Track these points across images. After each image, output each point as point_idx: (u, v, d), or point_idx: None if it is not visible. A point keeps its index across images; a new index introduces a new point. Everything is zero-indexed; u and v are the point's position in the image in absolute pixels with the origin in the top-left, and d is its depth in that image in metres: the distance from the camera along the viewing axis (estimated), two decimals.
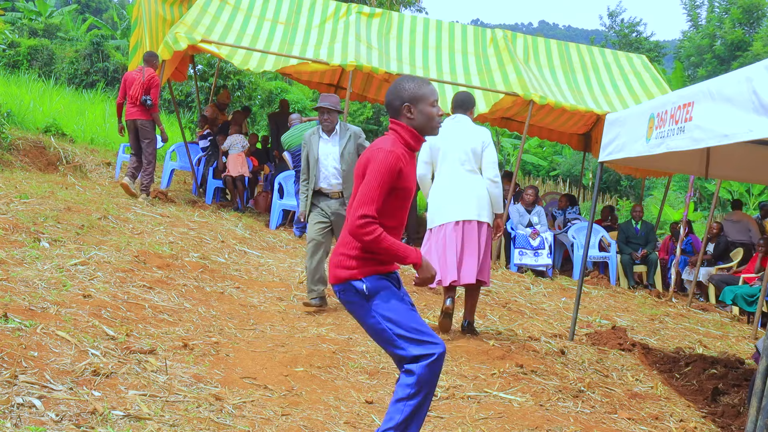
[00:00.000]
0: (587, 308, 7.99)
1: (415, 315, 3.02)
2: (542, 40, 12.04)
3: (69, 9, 28.57)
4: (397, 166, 2.93)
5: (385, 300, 2.98)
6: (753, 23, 29.26)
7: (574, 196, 12.99)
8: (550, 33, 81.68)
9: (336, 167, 5.95)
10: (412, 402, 2.92)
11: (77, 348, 3.95)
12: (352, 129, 6.07)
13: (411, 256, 2.95)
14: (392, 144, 2.99)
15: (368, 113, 24.47)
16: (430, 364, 2.92)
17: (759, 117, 3.38)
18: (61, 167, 10.38)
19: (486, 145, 5.42)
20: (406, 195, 3.04)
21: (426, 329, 2.98)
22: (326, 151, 5.96)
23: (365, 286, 2.98)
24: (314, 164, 5.95)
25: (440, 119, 3.10)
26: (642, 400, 4.81)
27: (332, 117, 5.95)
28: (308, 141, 6.01)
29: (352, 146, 5.99)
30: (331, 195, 6.00)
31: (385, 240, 2.90)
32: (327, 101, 5.92)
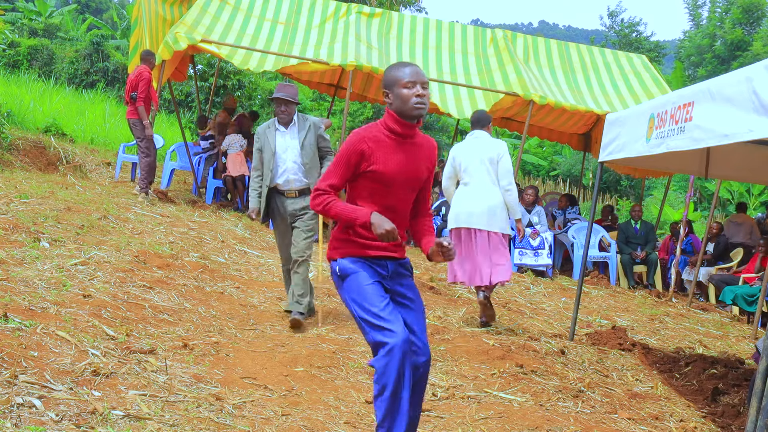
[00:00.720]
0: (587, 308, 7.99)
1: (382, 301, 2.95)
2: (542, 40, 12.05)
3: (69, 9, 28.54)
4: (358, 147, 3.00)
5: (355, 282, 3.01)
6: (753, 23, 29.26)
7: (574, 196, 12.99)
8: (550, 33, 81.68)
9: (296, 161, 5.52)
10: (382, 398, 2.88)
11: (77, 348, 3.95)
12: (311, 120, 5.67)
13: (360, 218, 2.96)
14: (368, 126, 3.07)
15: (368, 113, 24.47)
16: (386, 354, 2.84)
17: (759, 117, 3.38)
18: (61, 167, 10.38)
19: (501, 156, 5.80)
20: (380, 178, 3.01)
21: (389, 317, 2.91)
22: (284, 145, 5.53)
23: (338, 267, 3.08)
24: (270, 160, 5.50)
25: (418, 99, 2.97)
26: (642, 400, 4.81)
27: (290, 108, 5.53)
28: (262, 134, 5.56)
29: (312, 138, 5.59)
30: (287, 194, 5.54)
31: (333, 208, 3.01)
32: (284, 92, 5.51)
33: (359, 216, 2.96)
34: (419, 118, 3.04)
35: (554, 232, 10.73)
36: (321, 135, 5.64)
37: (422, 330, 3.10)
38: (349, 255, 3.06)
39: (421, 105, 2.99)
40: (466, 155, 5.87)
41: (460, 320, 6.32)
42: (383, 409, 2.89)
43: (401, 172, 3.05)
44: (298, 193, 5.54)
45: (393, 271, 3.12)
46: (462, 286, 7.85)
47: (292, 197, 5.54)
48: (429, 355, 3.09)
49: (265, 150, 5.53)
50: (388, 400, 2.87)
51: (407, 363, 2.89)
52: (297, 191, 5.54)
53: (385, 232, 2.89)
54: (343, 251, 3.07)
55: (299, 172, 5.54)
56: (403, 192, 3.09)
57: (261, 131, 5.58)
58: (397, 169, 3.03)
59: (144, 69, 9.38)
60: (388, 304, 2.97)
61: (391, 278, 3.11)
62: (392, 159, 3.03)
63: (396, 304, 3.08)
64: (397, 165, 3.03)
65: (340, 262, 3.07)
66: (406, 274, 3.17)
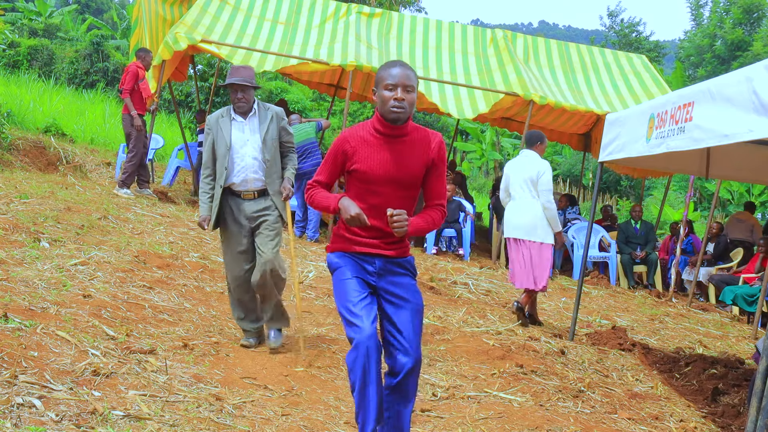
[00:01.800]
0: (587, 308, 7.99)
1: (358, 296, 2.97)
2: (542, 40, 12.05)
3: (69, 9, 28.56)
4: (341, 147, 3.07)
5: (339, 276, 3.09)
6: (753, 23, 29.27)
7: (574, 196, 12.99)
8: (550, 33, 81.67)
9: (256, 158, 4.67)
10: (355, 393, 2.96)
11: (77, 348, 3.95)
12: (274, 109, 4.84)
13: (331, 204, 3.07)
14: (356, 126, 3.12)
15: (368, 113, 24.46)
16: (353, 350, 2.92)
17: (759, 117, 3.38)
18: (61, 167, 10.38)
19: (540, 175, 6.20)
20: (363, 177, 3.00)
21: (359, 312, 2.92)
22: (242, 138, 4.69)
23: (327, 260, 3.21)
24: (224, 155, 4.65)
25: (397, 103, 2.91)
26: (642, 400, 4.81)
27: (248, 95, 4.68)
28: (214, 125, 4.71)
29: (275, 130, 4.77)
30: (243, 195, 4.70)
31: (314, 197, 3.16)
32: (239, 75, 4.67)
33: (330, 203, 3.08)
34: (396, 122, 2.99)
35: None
36: (284, 128, 4.85)
37: (411, 330, 3.01)
38: (337, 250, 3.15)
39: (398, 109, 2.93)
40: (513, 172, 6.42)
41: (460, 320, 6.32)
42: (356, 403, 2.98)
43: (386, 171, 3.00)
44: (256, 194, 4.72)
45: (381, 268, 3.08)
46: (462, 287, 7.85)
47: (250, 199, 4.71)
48: (416, 356, 3.00)
49: (218, 144, 4.69)
50: (357, 394, 2.95)
51: (372, 358, 2.90)
52: (256, 192, 4.72)
53: (350, 217, 2.96)
54: (334, 246, 3.17)
55: (259, 171, 4.70)
56: (391, 190, 3.03)
57: (212, 121, 4.72)
58: (381, 168, 3.00)
59: (133, 64, 9.43)
60: (363, 299, 2.98)
61: (380, 275, 3.08)
62: (375, 158, 3.00)
63: (385, 302, 3.07)
64: (381, 164, 3.00)
65: (329, 256, 3.19)
66: (400, 272, 3.11)
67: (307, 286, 6.76)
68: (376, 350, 2.92)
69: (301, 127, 9.39)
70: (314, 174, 3.22)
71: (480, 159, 25.80)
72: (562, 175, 27.12)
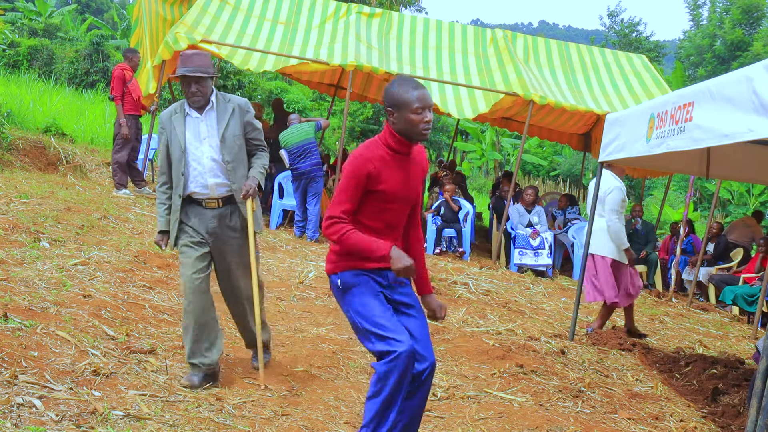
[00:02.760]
0: (587, 308, 7.99)
1: (386, 312, 2.99)
2: (542, 40, 12.05)
3: (69, 9, 28.55)
4: (364, 170, 2.95)
5: (358, 295, 3.03)
6: (753, 23, 29.27)
7: (574, 196, 12.99)
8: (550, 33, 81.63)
9: (215, 158, 3.98)
10: (377, 399, 2.93)
11: (77, 348, 3.95)
12: (236, 101, 4.12)
13: (379, 251, 2.94)
14: (368, 146, 3.03)
15: (368, 113, 24.47)
16: (391, 361, 2.89)
17: (759, 117, 3.37)
18: (61, 167, 10.37)
19: (607, 194, 6.39)
20: (386, 198, 3.02)
21: (393, 327, 2.95)
22: (198, 137, 3.98)
23: (340, 280, 3.08)
24: (179, 158, 3.95)
25: (426, 125, 2.98)
26: (642, 400, 4.81)
27: (203, 87, 3.95)
28: (167, 123, 4.02)
29: (238, 126, 4.06)
30: (206, 204, 4.00)
31: (350, 238, 2.95)
32: (191, 65, 3.92)
33: (379, 249, 2.94)
34: (420, 142, 3.08)
35: (554, 232, 10.72)
36: (250, 122, 4.14)
37: (425, 335, 3.12)
38: (349, 268, 3.06)
39: (427, 130, 3.01)
40: (591, 190, 6.68)
41: (460, 320, 6.32)
42: (373, 411, 2.94)
43: (403, 189, 3.07)
44: (221, 203, 4.03)
45: (392, 281, 3.14)
46: (462, 287, 7.86)
47: (214, 208, 4.01)
48: (432, 361, 3.10)
49: (172, 146, 3.99)
50: (380, 403, 2.92)
51: (408, 374, 2.93)
52: (220, 200, 4.02)
53: (403, 268, 2.91)
54: (344, 265, 3.07)
55: (220, 174, 4.01)
56: (403, 207, 3.12)
57: (165, 119, 4.04)
58: (400, 187, 3.05)
59: (118, 67, 9.42)
60: (392, 314, 3.02)
61: (391, 288, 3.13)
62: (395, 177, 3.04)
63: (400, 314, 3.11)
64: (400, 182, 3.05)
65: (342, 276, 3.07)
66: (404, 282, 3.20)
67: (307, 286, 6.76)
68: (412, 367, 2.96)
69: (300, 126, 9.38)
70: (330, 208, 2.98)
71: (480, 159, 25.81)
72: (562, 175, 27.13)
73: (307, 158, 9.25)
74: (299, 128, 9.36)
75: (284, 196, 10.23)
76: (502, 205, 10.79)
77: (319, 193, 9.40)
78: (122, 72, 9.28)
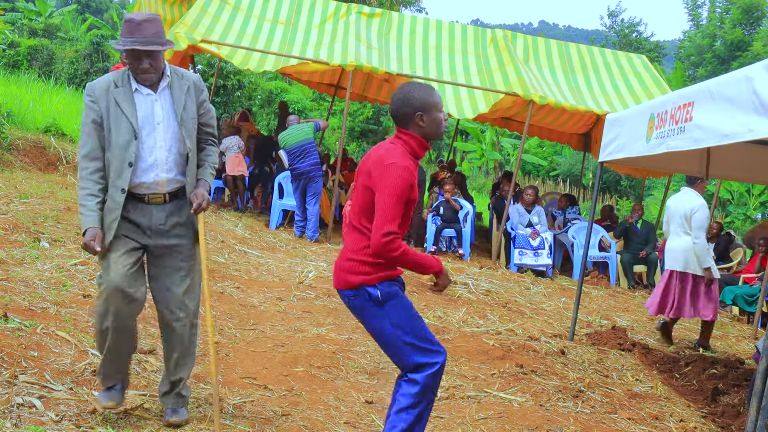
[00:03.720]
0: (587, 308, 7.99)
1: (422, 322, 3.02)
2: (542, 40, 12.05)
3: (69, 9, 28.54)
4: (411, 181, 2.90)
5: (396, 306, 2.97)
6: (753, 23, 29.26)
7: (574, 196, 12.99)
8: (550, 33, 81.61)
9: (171, 148, 3.30)
10: (414, 411, 2.93)
11: (77, 348, 3.95)
12: (190, 76, 3.44)
13: (435, 267, 2.97)
14: (403, 156, 2.93)
15: (368, 113, 24.46)
16: (434, 373, 2.94)
17: (759, 117, 3.38)
18: (61, 167, 10.37)
19: (693, 212, 6.47)
20: (413, 204, 3.02)
21: (431, 337, 2.99)
22: (151, 120, 3.26)
23: (379, 292, 2.95)
24: (127, 144, 3.19)
25: (445, 123, 3.06)
26: (642, 400, 4.81)
27: (157, 62, 3.25)
28: (101, 97, 3.19)
29: (194, 107, 3.38)
30: (150, 199, 3.28)
31: (408, 253, 2.90)
32: (140, 35, 3.18)
33: (433, 265, 2.97)
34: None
35: (554, 232, 10.72)
36: (204, 102, 3.47)
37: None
38: (386, 279, 2.98)
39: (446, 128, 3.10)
40: (672, 207, 6.77)
41: (459, 320, 6.32)
42: (410, 422, 2.93)
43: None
44: (168, 198, 3.34)
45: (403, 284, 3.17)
46: (462, 287, 7.85)
47: (159, 203, 3.31)
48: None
49: (116, 127, 3.19)
50: (417, 414, 2.93)
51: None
52: (167, 195, 3.34)
53: (447, 285, 3.03)
54: (379, 275, 2.97)
55: (174, 167, 3.33)
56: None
57: (99, 91, 3.21)
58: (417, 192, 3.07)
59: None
60: (424, 323, 3.04)
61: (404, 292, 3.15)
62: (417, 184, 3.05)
63: None
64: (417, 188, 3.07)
65: (381, 287, 2.96)
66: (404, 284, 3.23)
67: (307, 286, 6.76)
68: None
69: (299, 127, 9.40)
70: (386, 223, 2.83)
71: (480, 159, 25.81)
72: (562, 175, 27.12)
73: (306, 158, 9.26)
74: (298, 129, 9.37)
75: (284, 196, 10.23)
76: (502, 205, 10.78)
77: (319, 193, 9.41)
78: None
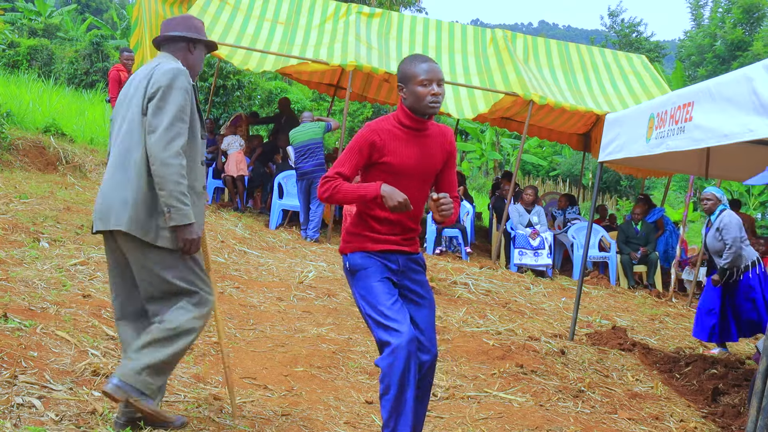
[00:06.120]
0: (587, 308, 7.99)
1: (389, 298, 2.94)
2: (542, 40, 12.05)
3: (69, 9, 28.52)
4: (369, 139, 2.98)
5: (365, 278, 3.00)
6: (753, 23, 29.26)
7: (574, 196, 12.99)
8: (550, 33, 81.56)
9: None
10: (387, 397, 2.88)
11: (77, 348, 3.95)
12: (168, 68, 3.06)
13: (370, 192, 2.92)
14: (380, 119, 3.07)
15: (368, 113, 24.45)
16: (390, 354, 2.84)
17: (759, 117, 3.38)
18: (60, 167, 10.36)
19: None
20: (392, 170, 3.00)
21: (395, 316, 2.89)
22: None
23: (348, 262, 3.06)
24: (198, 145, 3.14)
25: (433, 98, 2.96)
26: (642, 400, 4.81)
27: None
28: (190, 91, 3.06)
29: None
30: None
31: (340, 191, 2.94)
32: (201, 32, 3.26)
33: (369, 191, 2.92)
34: (430, 116, 3.06)
35: (554, 232, 10.72)
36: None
37: (430, 327, 3.08)
38: (360, 249, 3.04)
39: (435, 104, 2.99)
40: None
41: (459, 320, 6.32)
42: (388, 409, 2.89)
43: (414, 165, 3.05)
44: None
45: (404, 266, 3.10)
46: (462, 287, 7.85)
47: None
48: (435, 352, 3.08)
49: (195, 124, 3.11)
50: (392, 399, 2.87)
51: (412, 362, 2.88)
52: None
53: (397, 203, 2.89)
54: (354, 245, 3.05)
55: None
56: (416, 184, 3.07)
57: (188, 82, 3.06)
58: (410, 162, 3.03)
59: (113, 69, 9.43)
60: (395, 301, 2.96)
61: (402, 273, 3.09)
62: (404, 151, 3.03)
63: (406, 300, 3.07)
64: (410, 157, 3.03)
65: (350, 257, 3.06)
66: (418, 269, 3.15)
67: (307, 286, 6.76)
68: (416, 354, 2.91)
69: (310, 125, 9.44)
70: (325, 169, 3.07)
71: (480, 159, 25.80)
72: (561, 175, 27.11)
73: (310, 158, 9.27)
74: (309, 127, 9.41)
75: (284, 196, 10.23)
76: (502, 205, 10.78)
77: None
78: (117, 73, 9.29)
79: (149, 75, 3.05)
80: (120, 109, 3.16)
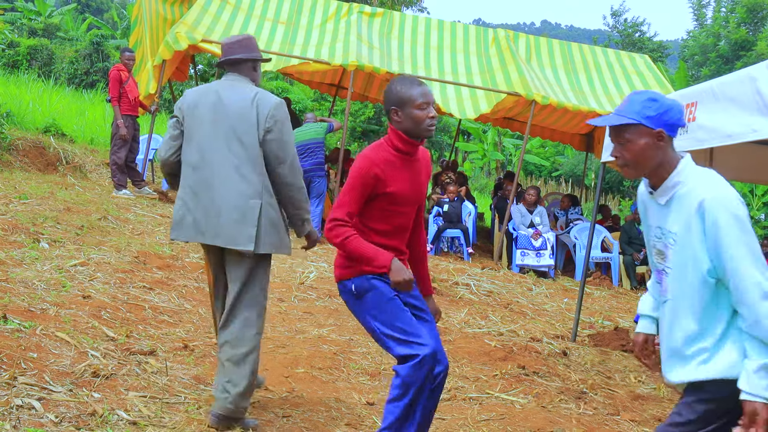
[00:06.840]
0: (589, 309, 7.96)
1: (403, 314, 2.96)
2: (544, 40, 12.03)
3: (69, 9, 28.51)
4: (371, 172, 2.92)
5: (374, 300, 2.99)
6: (757, 23, 29.22)
7: (577, 197, 12.99)
8: (552, 33, 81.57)
9: None
10: (400, 403, 2.90)
11: (77, 349, 3.93)
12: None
13: (379, 260, 2.90)
14: (375, 148, 3.00)
15: (369, 113, 24.45)
16: (415, 365, 2.87)
17: (763, 117, 3.36)
18: (60, 167, 10.36)
19: None
20: (395, 200, 2.99)
21: (413, 330, 2.93)
22: None
23: (353, 286, 3.02)
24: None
25: (431, 121, 2.96)
26: (645, 401, 4.79)
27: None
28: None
29: None
30: None
31: (351, 243, 2.91)
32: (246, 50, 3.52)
33: (377, 259, 2.90)
34: (425, 139, 3.04)
35: (556, 232, 10.70)
36: None
37: (437, 339, 3.10)
38: (362, 273, 3.01)
39: (432, 127, 2.98)
40: None
41: (461, 321, 6.30)
42: (395, 414, 2.90)
43: (410, 191, 3.04)
44: None
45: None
46: (464, 288, 7.82)
47: None
48: (446, 364, 3.10)
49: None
50: (403, 407, 2.89)
51: (431, 375, 2.93)
52: None
53: (403, 281, 2.88)
54: (355, 270, 3.01)
55: None
56: (410, 209, 3.08)
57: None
58: (407, 188, 3.03)
59: (114, 69, 9.38)
60: (411, 317, 2.98)
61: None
62: (402, 179, 3.01)
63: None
64: (407, 184, 3.02)
65: (354, 281, 3.01)
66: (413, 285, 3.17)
67: (308, 287, 6.74)
68: (435, 366, 2.95)
69: (312, 125, 9.42)
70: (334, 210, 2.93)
71: (482, 159, 25.78)
72: (564, 175, 27.09)
73: (309, 157, 9.25)
74: (310, 127, 9.40)
75: None
76: (504, 206, 10.76)
77: (322, 194, 9.38)
78: (118, 73, 9.25)
79: (254, 103, 3.37)
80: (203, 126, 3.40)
